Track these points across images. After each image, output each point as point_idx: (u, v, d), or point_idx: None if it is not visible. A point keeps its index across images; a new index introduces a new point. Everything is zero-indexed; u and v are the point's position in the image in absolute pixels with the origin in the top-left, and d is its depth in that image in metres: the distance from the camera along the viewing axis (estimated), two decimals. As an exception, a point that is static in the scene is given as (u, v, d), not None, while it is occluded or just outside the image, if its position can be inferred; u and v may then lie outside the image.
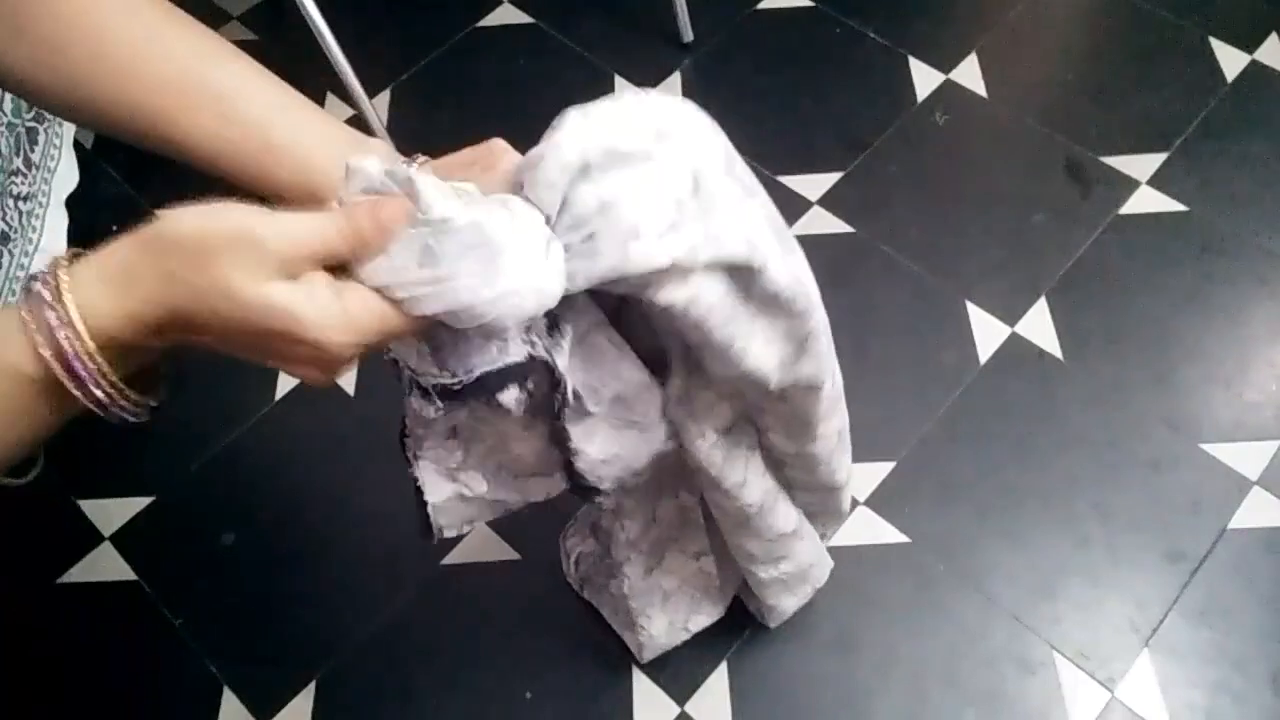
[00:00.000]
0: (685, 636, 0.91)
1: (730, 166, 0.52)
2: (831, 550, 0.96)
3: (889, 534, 0.97)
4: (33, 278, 0.41)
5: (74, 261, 0.42)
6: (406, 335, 0.46)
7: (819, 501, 0.78)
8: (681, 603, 0.90)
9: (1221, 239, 1.14)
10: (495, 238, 0.44)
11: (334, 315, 0.41)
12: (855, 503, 0.99)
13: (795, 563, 0.82)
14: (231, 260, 0.40)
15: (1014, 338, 1.08)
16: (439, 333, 0.47)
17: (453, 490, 0.63)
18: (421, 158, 0.53)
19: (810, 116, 1.27)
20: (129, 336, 0.41)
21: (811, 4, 1.38)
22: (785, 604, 0.89)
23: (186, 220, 0.42)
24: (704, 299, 0.51)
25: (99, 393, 0.41)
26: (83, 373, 0.40)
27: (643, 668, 0.92)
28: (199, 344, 0.43)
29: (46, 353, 0.40)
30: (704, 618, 0.91)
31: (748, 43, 1.35)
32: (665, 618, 0.89)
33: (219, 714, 0.92)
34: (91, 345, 0.40)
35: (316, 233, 0.42)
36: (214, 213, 0.42)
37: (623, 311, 0.58)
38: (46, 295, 0.40)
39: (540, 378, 0.52)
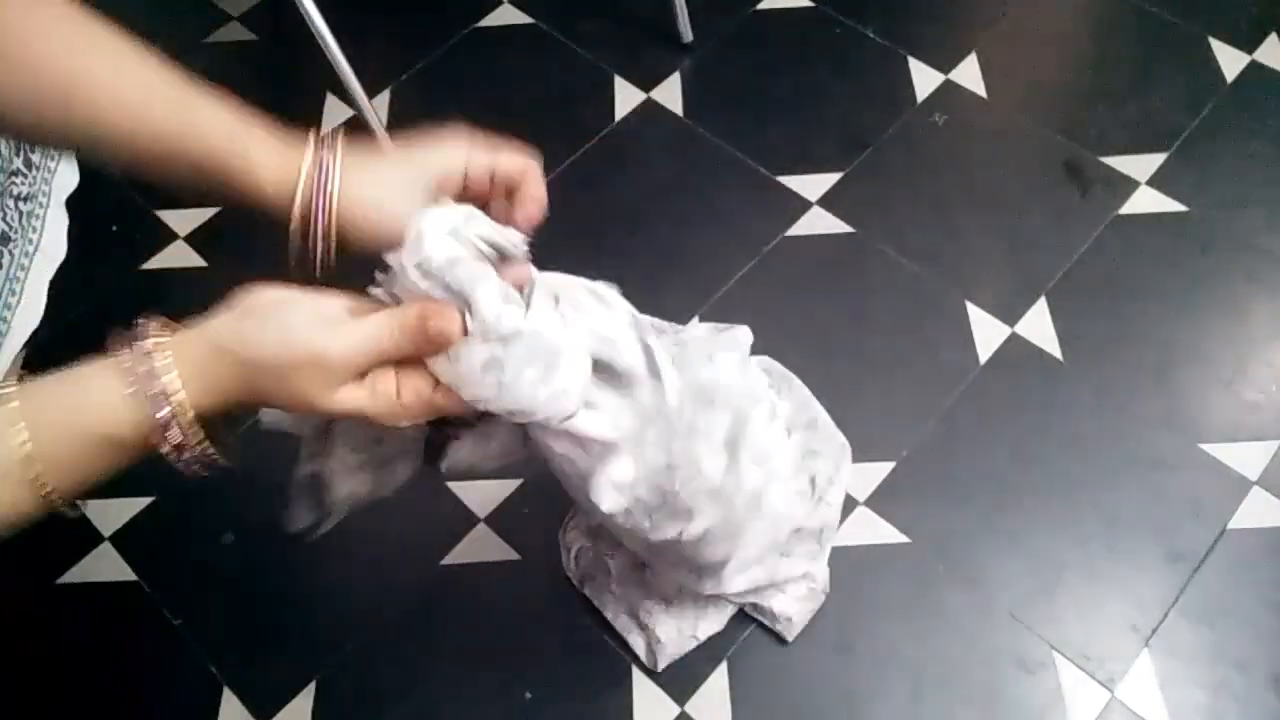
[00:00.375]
0: (694, 643, 0.91)
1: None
2: (832, 550, 0.96)
3: (889, 534, 0.97)
4: (124, 346, 0.46)
5: (160, 338, 0.47)
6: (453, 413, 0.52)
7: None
8: (686, 607, 0.90)
9: (1221, 239, 1.14)
10: (553, 345, 0.50)
11: (393, 408, 0.50)
12: (855, 502, 0.99)
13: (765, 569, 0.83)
14: (307, 379, 0.47)
15: (1014, 338, 1.08)
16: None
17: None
18: (468, 207, 0.55)
19: (810, 116, 1.27)
20: (211, 412, 0.48)
21: (811, 4, 1.38)
22: (787, 608, 0.89)
23: (268, 343, 0.47)
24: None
25: (189, 457, 0.48)
26: (179, 441, 0.47)
27: (643, 668, 0.92)
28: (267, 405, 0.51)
29: (152, 427, 0.46)
30: (711, 623, 0.91)
31: (748, 43, 1.35)
32: (673, 623, 0.89)
33: (219, 714, 0.92)
34: (191, 418, 0.47)
35: (374, 345, 0.49)
36: (287, 336, 0.48)
37: None
38: (143, 370, 0.46)
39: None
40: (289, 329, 0.48)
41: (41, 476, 0.45)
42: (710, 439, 0.65)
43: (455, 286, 0.49)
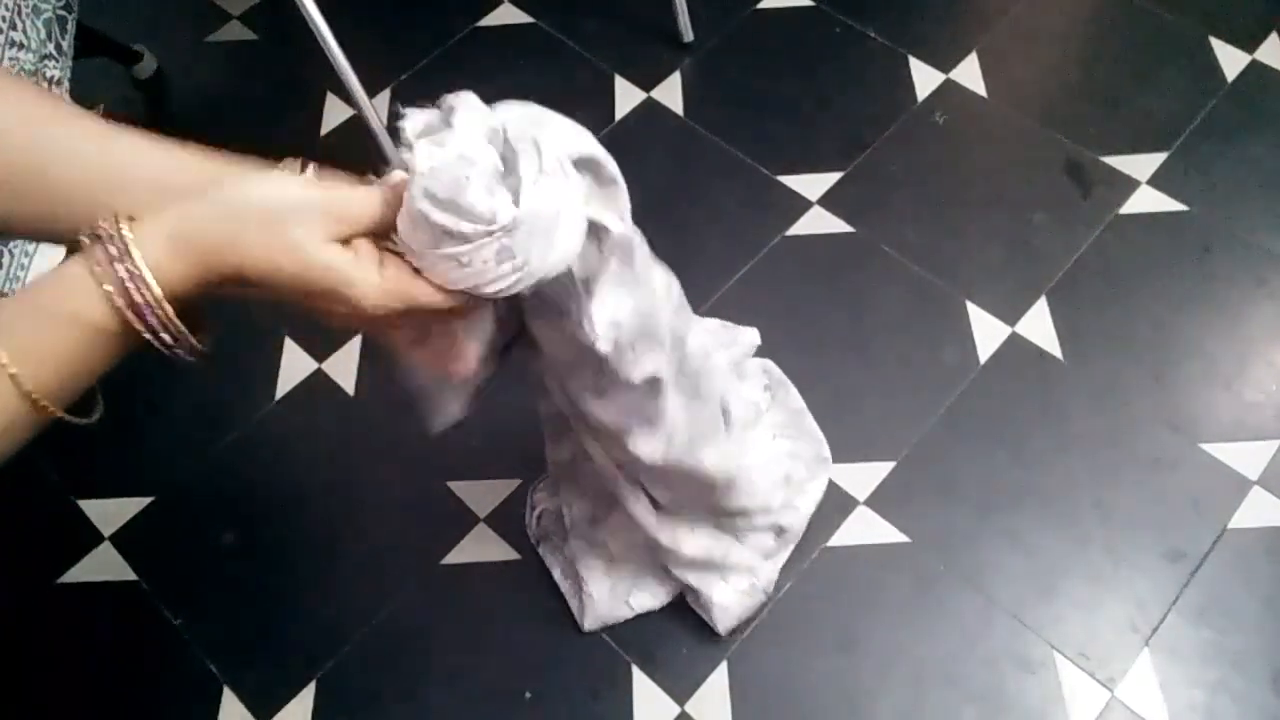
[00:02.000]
0: (627, 612, 0.92)
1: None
2: (832, 550, 0.97)
3: (889, 534, 0.97)
4: (94, 235, 0.45)
5: (133, 220, 0.46)
6: (433, 306, 0.51)
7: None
8: (625, 572, 0.90)
9: (1221, 239, 1.14)
10: (552, 213, 0.51)
11: (374, 283, 0.49)
12: (855, 502, 0.99)
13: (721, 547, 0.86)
14: (298, 222, 0.47)
15: (1014, 338, 1.08)
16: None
17: None
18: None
19: (810, 116, 1.27)
20: (190, 289, 0.46)
21: (811, 4, 1.38)
22: (724, 597, 0.90)
23: (257, 189, 0.48)
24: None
25: (166, 337, 0.46)
26: (152, 320, 0.45)
27: (642, 666, 0.92)
28: (246, 292, 0.49)
29: (120, 302, 0.44)
30: (647, 596, 0.92)
31: (748, 43, 1.35)
32: (608, 582, 0.90)
33: (219, 714, 0.92)
34: (160, 294, 0.45)
35: (368, 206, 0.49)
36: (281, 182, 0.48)
37: None
38: (114, 251, 0.44)
39: None
40: (280, 180, 0.48)
41: (19, 374, 0.43)
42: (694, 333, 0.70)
43: (444, 195, 0.49)
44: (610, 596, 0.91)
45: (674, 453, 0.73)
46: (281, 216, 0.47)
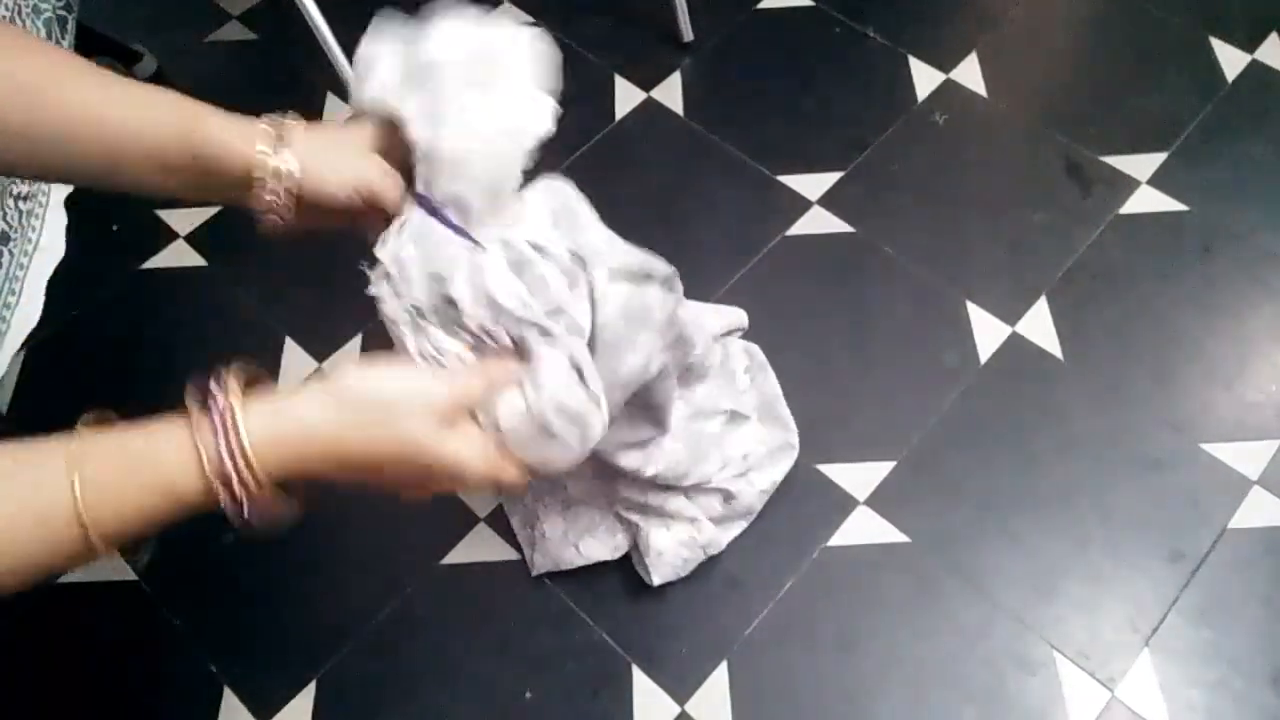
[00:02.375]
0: (575, 557, 0.93)
1: None
2: (832, 550, 0.97)
3: (889, 534, 0.97)
4: (202, 403, 0.46)
5: (246, 393, 0.47)
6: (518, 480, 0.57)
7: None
8: (580, 516, 0.92)
9: (1221, 239, 1.14)
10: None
11: (480, 467, 0.53)
12: (855, 502, 0.99)
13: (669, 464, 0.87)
14: (411, 415, 0.49)
15: (1014, 338, 1.08)
16: None
17: None
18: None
19: (810, 116, 1.27)
20: (285, 476, 0.47)
21: (811, 4, 1.38)
22: (662, 542, 0.91)
23: (368, 380, 0.49)
24: None
25: (253, 519, 0.47)
26: (242, 498, 0.46)
27: (642, 666, 0.92)
28: (347, 482, 0.50)
29: (217, 484, 0.45)
30: (597, 544, 0.93)
31: (748, 43, 1.35)
32: (562, 524, 0.92)
33: (219, 714, 0.92)
34: (268, 491, 0.46)
35: (472, 390, 0.53)
36: (388, 374, 0.50)
37: None
38: (218, 425, 0.45)
39: None
40: (387, 372, 0.51)
41: (89, 518, 0.43)
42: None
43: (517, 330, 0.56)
44: (562, 538, 0.92)
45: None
46: (394, 410, 0.49)
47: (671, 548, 0.91)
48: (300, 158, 0.56)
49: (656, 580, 0.92)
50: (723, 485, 0.92)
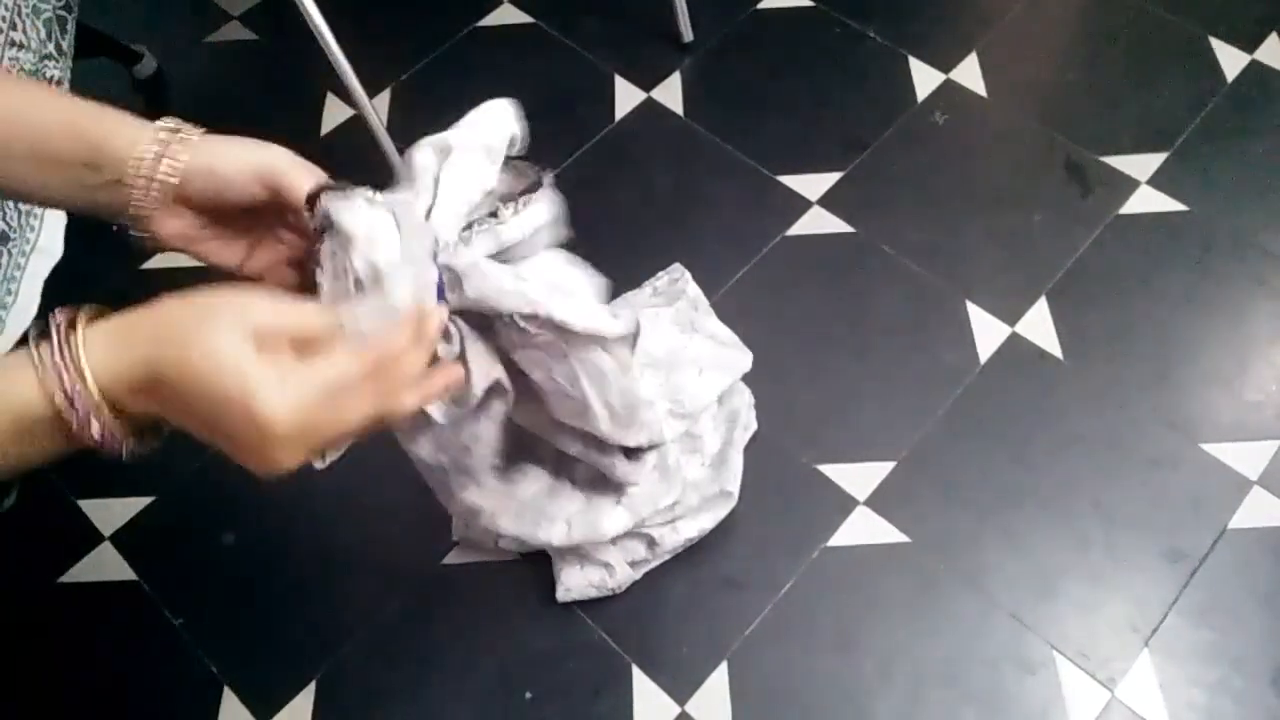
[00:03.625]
0: (488, 540, 0.94)
1: None
2: (832, 550, 0.97)
3: (889, 534, 0.97)
4: (49, 326, 0.46)
5: (92, 318, 0.47)
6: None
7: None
8: (542, 505, 0.90)
9: (1221, 239, 1.14)
10: None
11: (292, 408, 0.46)
12: (855, 502, 0.99)
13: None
14: (218, 320, 0.46)
15: (1014, 338, 1.08)
16: None
17: None
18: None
19: (810, 116, 1.27)
20: (116, 392, 0.46)
21: (811, 4, 1.38)
22: (572, 580, 0.93)
23: (193, 293, 0.47)
24: None
25: (95, 432, 0.46)
26: (85, 416, 0.45)
27: (642, 666, 0.92)
28: (164, 414, 0.47)
29: (58, 397, 0.44)
30: (552, 531, 0.90)
31: (748, 43, 1.35)
32: (514, 507, 0.89)
33: (219, 714, 0.92)
34: (96, 394, 0.45)
35: (297, 313, 0.49)
36: (219, 289, 0.48)
37: None
38: (58, 345, 0.45)
39: None
40: (220, 287, 0.48)
41: None
42: None
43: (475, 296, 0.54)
44: (516, 520, 0.88)
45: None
46: (205, 315, 0.46)
47: (580, 586, 0.93)
48: (191, 149, 0.56)
49: (558, 599, 0.94)
50: (648, 531, 0.92)
